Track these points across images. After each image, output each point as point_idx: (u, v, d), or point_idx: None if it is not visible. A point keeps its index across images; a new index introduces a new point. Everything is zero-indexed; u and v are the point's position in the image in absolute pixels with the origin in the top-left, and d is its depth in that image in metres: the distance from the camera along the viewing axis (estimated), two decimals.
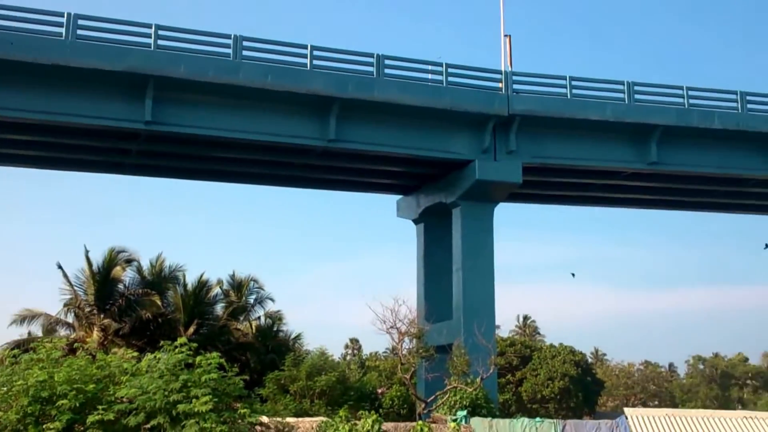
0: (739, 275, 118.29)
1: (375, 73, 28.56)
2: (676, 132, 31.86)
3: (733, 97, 32.54)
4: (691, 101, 32.06)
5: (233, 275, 36.55)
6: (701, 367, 43.89)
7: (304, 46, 27.99)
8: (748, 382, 42.95)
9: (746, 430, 17.13)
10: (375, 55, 28.71)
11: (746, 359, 45.19)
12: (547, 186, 35.50)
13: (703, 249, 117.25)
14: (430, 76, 29.75)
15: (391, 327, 23.67)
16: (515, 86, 30.46)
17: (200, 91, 26.77)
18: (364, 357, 39.87)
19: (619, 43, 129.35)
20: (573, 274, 42.28)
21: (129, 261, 33.27)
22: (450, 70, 29.75)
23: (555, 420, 18.30)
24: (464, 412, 19.52)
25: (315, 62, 27.89)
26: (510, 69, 30.74)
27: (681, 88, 32.15)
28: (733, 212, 41.66)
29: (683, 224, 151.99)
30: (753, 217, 44.41)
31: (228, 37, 26.98)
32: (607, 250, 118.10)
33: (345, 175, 34.27)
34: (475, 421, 18.18)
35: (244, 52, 27.01)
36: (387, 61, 28.88)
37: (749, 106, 32.55)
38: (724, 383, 42.14)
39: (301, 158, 30.95)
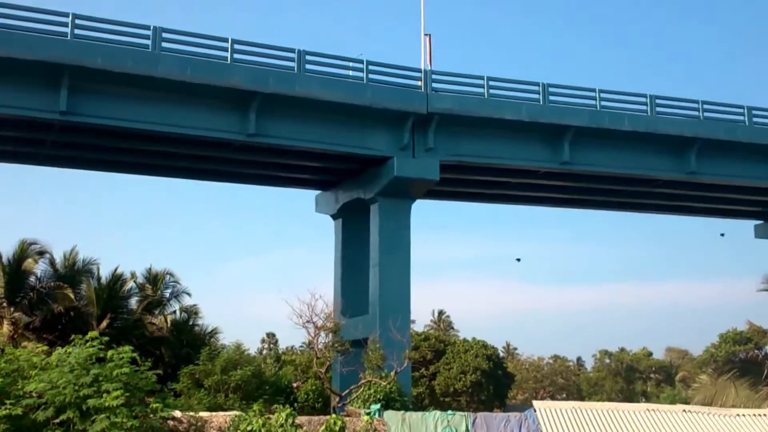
0: (646, 273, 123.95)
1: (296, 69, 28.76)
2: (588, 133, 33.16)
3: (643, 100, 34.02)
4: (603, 103, 33.39)
5: (149, 269, 36.12)
6: (607, 361, 46.02)
7: (225, 40, 27.94)
8: (652, 375, 45.29)
9: (648, 422, 18.22)
10: (296, 51, 28.89)
11: (650, 354, 47.64)
12: (464, 183, 36.48)
13: (613, 247, 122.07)
14: (351, 72, 30.22)
15: (308, 321, 24.00)
16: (434, 85, 31.18)
17: (118, 83, 26.35)
18: (280, 351, 40.08)
19: (538, 43, 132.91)
20: (518, 259, 43.36)
21: (41, 253, 32.50)
22: (371, 67, 30.23)
23: (466, 413, 19.02)
24: (378, 406, 20.02)
25: (236, 56, 27.87)
26: (429, 68, 31.44)
27: (593, 90, 33.45)
28: (641, 212, 43.70)
29: (597, 222, 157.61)
30: (661, 217, 46.71)
31: (147, 28, 26.65)
32: (521, 247, 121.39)
33: (265, 170, 34.34)
34: (388, 414, 18.74)
35: (164, 44, 26.74)
36: (308, 57, 29.09)
37: (658, 109, 34.12)
38: (629, 377, 44.34)
39: (221, 152, 30.87)
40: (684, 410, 18.76)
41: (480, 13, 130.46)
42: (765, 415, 18.23)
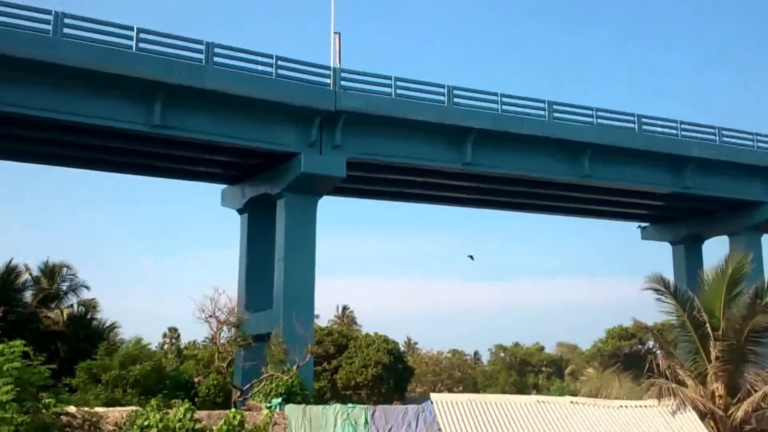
0: (542, 271, 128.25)
1: (204, 61, 28.19)
2: (490, 135, 33.95)
3: (542, 105, 35.12)
4: (504, 107, 34.33)
5: (46, 262, 34.57)
6: (502, 355, 47.46)
7: (131, 28, 27.04)
8: (543, 369, 47.05)
9: (538, 413, 18.88)
10: (204, 43, 28.28)
11: (542, 348, 49.47)
12: (370, 181, 36.69)
13: (513, 246, 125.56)
14: (260, 68, 29.87)
15: (210, 316, 23.62)
16: (343, 83, 31.19)
17: (17, 68, 25.09)
18: (182, 346, 39.17)
19: (443, 45, 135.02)
20: (471, 257, 43.57)
21: None
22: (280, 62, 29.98)
23: (366, 406, 19.14)
24: (279, 400, 19.90)
25: (142, 45, 27.05)
26: (339, 66, 31.48)
27: (496, 94, 34.28)
28: (539, 212, 45.17)
29: (499, 222, 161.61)
30: (558, 217, 48.34)
31: (49, 13, 25.51)
32: (426, 246, 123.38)
33: (171, 162, 33.47)
34: (289, 408, 18.64)
35: (67, 30, 25.65)
36: (217, 50, 28.54)
37: (555, 114, 35.35)
38: (522, 370, 45.88)
39: (126, 143, 29.91)
40: (571, 402, 19.55)
41: (394, 12, 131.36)
42: (645, 406, 19.22)
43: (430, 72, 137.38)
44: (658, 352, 21.91)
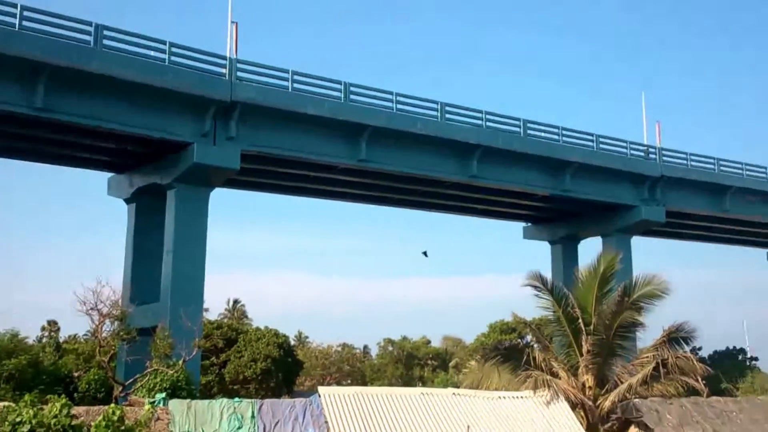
0: (432, 268, 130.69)
1: (93, 43, 26.91)
2: (385, 133, 34.23)
3: (435, 106, 35.76)
4: (399, 106, 34.72)
5: None
6: (390, 348, 48.06)
7: (14, 5, 25.46)
8: (429, 362, 48.03)
9: (422, 404, 19.22)
10: (93, 24, 27.00)
11: (429, 342, 50.45)
12: (265, 174, 36.19)
13: (404, 242, 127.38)
14: (153, 53, 28.81)
15: (92, 308, 22.62)
16: (240, 74, 30.59)
17: None
18: (61, 340, 37.29)
19: (346, 43, 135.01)
20: (425, 253, 43.22)
21: None
22: (174, 49, 29.02)
23: (253, 400, 18.90)
24: (163, 395, 19.31)
25: (25, 23, 25.51)
26: (235, 56, 30.83)
27: (391, 93, 34.60)
28: (431, 210, 45.90)
29: (395, 219, 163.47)
30: (448, 216, 49.31)
31: None
32: (321, 240, 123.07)
33: (56, 148, 31.74)
34: (173, 403, 18.10)
35: None
36: (107, 32, 27.30)
37: (448, 116, 36.07)
38: (409, 363, 46.62)
39: (7, 126, 28.12)
40: (454, 393, 20.03)
41: (297, 4, 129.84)
42: (522, 397, 19.94)
43: (332, 68, 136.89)
44: (536, 345, 22.73)
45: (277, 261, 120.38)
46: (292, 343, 42.42)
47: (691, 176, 43.60)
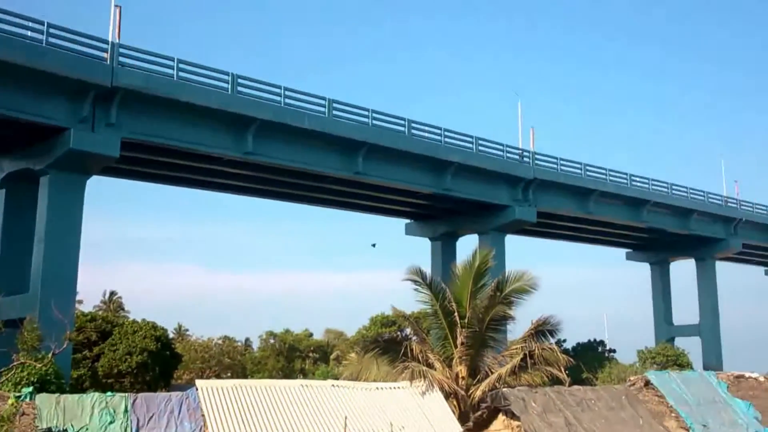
0: (315, 262, 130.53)
1: None
2: (272, 127, 33.81)
3: (323, 102, 35.70)
4: (287, 101, 34.41)
5: None
6: (272, 341, 47.59)
7: None
8: (310, 354, 47.99)
9: (301, 396, 19.10)
10: None
11: (311, 334, 50.41)
12: (148, 164, 34.89)
13: (291, 237, 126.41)
14: (30, 34, 27.06)
15: None
16: (122, 59, 29.29)
17: None
18: None
19: (237, 34, 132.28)
20: (373, 245, 42.08)
21: None
22: (52, 30, 27.42)
23: (126, 394, 18.14)
24: (30, 389, 18.19)
25: None
26: (118, 40, 29.45)
27: (280, 87, 34.24)
28: (317, 205, 45.72)
29: (281, 212, 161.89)
30: (335, 211, 49.28)
31: None
32: (207, 232, 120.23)
33: None
34: (41, 397, 17.06)
35: None
36: None
37: (335, 112, 36.13)
38: (290, 356, 46.40)
39: None
40: (333, 385, 20.04)
41: None
42: (398, 387, 20.23)
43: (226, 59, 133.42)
44: (414, 338, 23.19)
45: (161, 252, 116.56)
46: (171, 336, 41.13)
47: (560, 179, 45.77)
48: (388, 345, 22.10)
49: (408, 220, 49.07)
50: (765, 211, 60.95)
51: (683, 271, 62.25)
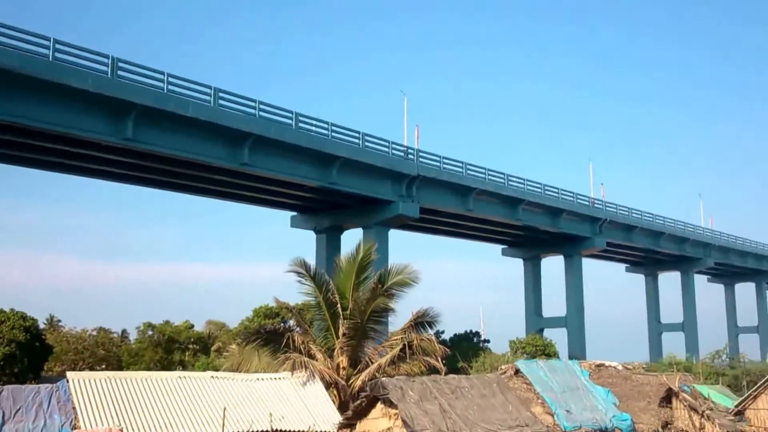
0: (198, 254, 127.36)
1: None
2: (154, 113, 32.57)
3: (208, 91, 34.79)
4: (171, 87, 33.24)
5: None
6: (150, 333, 45.96)
7: None
8: (191, 346, 46.65)
9: (179, 387, 18.63)
10: None
11: (192, 326, 48.97)
12: (21, 147, 32.77)
13: (173, 228, 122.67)
14: None
15: None
16: None
17: None
18: None
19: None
20: None
21: None
22: None
23: None
24: None
25: None
26: None
27: (163, 73, 33.03)
28: (200, 195, 44.52)
29: (156, 201, 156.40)
30: (220, 202, 48.19)
31: None
32: (86, 220, 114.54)
33: None
34: None
35: None
36: None
37: (221, 102, 35.29)
38: (169, 347, 44.98)
39: None
40: (212, 376, 19.70)
41: None
42: (279, 378, 20.15)
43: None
44: (297, 329, 23.16)
45: (36, 240, 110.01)
46: (42, 326, 38.86)
47: (443, 177, 46.94)
48: (270, 336, 21.96)
49: (294, 213, 48.75)
50: (627, 213, 65.08)
51: (553, 267, 65.60)
